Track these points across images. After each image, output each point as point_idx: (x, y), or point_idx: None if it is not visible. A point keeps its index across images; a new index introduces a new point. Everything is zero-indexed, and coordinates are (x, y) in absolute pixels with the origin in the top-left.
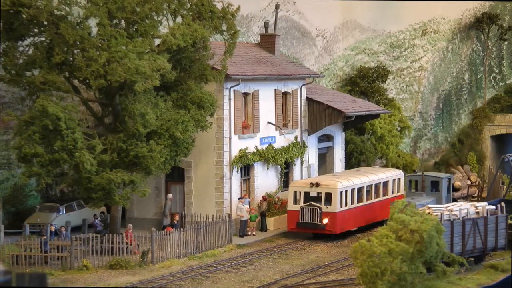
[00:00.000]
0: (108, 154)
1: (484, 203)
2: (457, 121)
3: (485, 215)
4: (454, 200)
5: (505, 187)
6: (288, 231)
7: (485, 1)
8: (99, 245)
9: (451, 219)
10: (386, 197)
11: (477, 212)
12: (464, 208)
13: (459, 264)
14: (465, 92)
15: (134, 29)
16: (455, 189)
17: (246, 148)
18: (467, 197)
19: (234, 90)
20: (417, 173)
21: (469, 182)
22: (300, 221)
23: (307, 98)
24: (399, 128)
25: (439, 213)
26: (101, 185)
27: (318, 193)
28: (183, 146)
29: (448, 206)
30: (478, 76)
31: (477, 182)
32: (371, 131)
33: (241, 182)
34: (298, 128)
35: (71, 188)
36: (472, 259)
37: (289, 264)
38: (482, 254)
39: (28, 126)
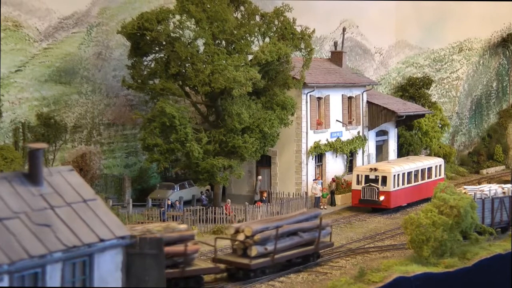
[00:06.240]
0: (212, 145)
1: (509, 185)
2: (486, 119)
3: (510, 194)
4: (171, 280)
5: None
6: (352, 206)
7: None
8: (204, 215)
9: (483, 198)
10: (430, 180)
11: (504, 192)
12: (493, 189)
13: (489, 233)
14: (493, 97)
15: (232, 47)
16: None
17: (319, 141)
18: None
19: (310, 95)
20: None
21: (241, 237)
22: (361, 198)
23: (367, 101)
24: (440, 125)
25: (473, 193)
26: (206, 169)
27: (376, 176)
28: (270, 139)
29: (480, 187)
30: (504, 84)
31: (251, 237)
32: (418, 128)
33: (315, 167)
34: (360, 125)
35: (183, 171)
36: (500, 229)
37: (353, 232)
38: (507, 226)
39: (150, 123)
